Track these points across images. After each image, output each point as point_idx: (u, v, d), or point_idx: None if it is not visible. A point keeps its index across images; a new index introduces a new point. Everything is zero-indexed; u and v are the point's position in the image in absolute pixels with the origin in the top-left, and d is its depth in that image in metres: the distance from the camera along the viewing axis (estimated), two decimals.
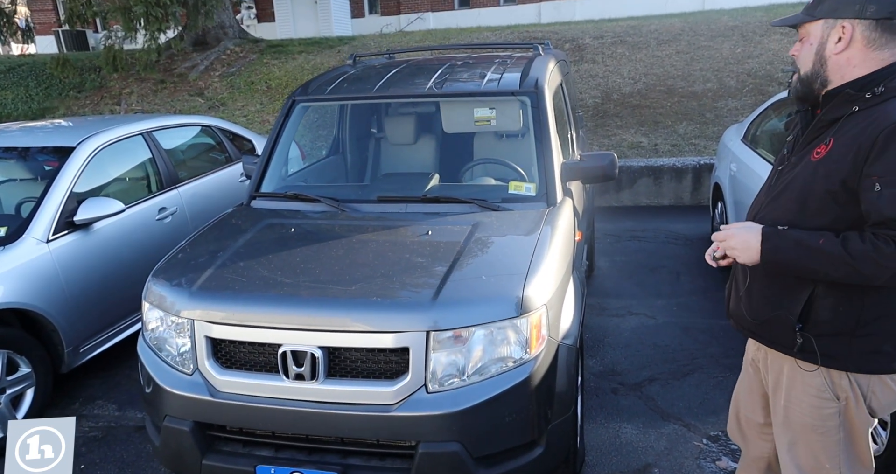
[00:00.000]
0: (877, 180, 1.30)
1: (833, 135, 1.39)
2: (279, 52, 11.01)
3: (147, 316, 2.28)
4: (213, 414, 2.07)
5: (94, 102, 10.46)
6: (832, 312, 1.43)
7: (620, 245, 5.28)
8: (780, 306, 1.50)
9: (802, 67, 1.45)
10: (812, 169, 1.41)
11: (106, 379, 3.56)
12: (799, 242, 1.37)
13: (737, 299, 1.64)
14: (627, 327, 3.80)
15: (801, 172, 1.45)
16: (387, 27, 15.86)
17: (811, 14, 1.41)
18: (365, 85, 3.16)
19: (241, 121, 8.43)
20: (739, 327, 1.68)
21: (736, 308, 1.65)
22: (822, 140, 1.43)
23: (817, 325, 1.46)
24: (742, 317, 1.62)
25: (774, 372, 1.62)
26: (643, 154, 6.79)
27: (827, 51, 1.40)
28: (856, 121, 1.37)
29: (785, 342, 1.52)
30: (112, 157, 3.82)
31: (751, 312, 1.58)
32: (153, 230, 3.82)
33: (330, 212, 2.70)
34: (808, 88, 1.45)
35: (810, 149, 1.45)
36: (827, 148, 1.39)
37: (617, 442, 2.73)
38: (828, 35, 1.40)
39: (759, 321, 1.56)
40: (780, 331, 1.51)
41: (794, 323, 1.47)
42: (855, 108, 1.37)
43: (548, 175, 2.69)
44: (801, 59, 1.46)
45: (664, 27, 9.53)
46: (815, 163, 1.41)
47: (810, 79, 1.44)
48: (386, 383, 1.95)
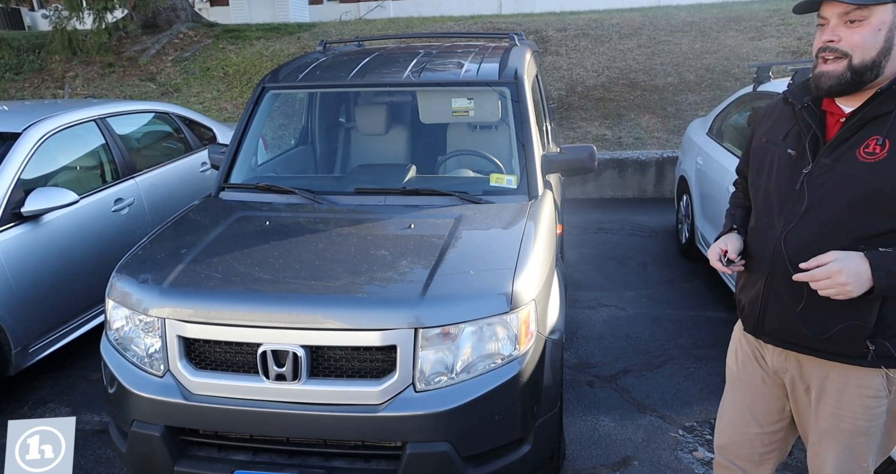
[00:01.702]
0: None
1: (887, 136, 1.30)
2: (236, 38, 10.62)
3: (111, 314, 2.14)
4: (187, 417, 1.96)
5: (33, 86, 9.86)
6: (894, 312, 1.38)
7: (588, 237, 5.32)
8: (849, 317, 1.39)
9: (860, 54, 1.29)
10: (873, 170, 1.31)
11: (58, 380, 3.36)
12: None
13: (782, 317, 1.50)
14: (599, 319, 3.82)
15: (851, 174, 1.34)
16: (346, 15, 15.52)
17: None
18: (339, 73, 3.05)
19: (197, 109, 8.10)
20: (782, 344, 1.54)
21: (782, 325, 1.51)
22: (864, 138, 1.34)
23: (885, 329, 1.39)
24: (796, 334, 1.49)
25: (817, 378, 1.51)
26: (607, 146, 6.86)
27: (895, 38, 1.29)
28: None
29: (852, 352, 1.42)
30: (63, 145, 3.59)
31: (812, 329, 1.45)
32: (109, 222, 3.61)
33: (305, 204, 2.59)
34: (858, 78, 1.31)
35: (849, 148, 1.35)
36: (884, 149, 1.30)
37: (596, 436, 2.74)
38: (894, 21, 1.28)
39: (822, 337, 1.44)
40: (849, 342, 1.41)
41: (868, 331, 1.39)
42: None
43: (529, 167, 2.66)
44: (862, 44, 1.29)
45: (625, 21, 9.64)
46: (876, 164, 1.31)
47: (867, 67, 1.30)
48: (372, 382, 1.88)
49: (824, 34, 1.34)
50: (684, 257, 4.73)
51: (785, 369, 1.59)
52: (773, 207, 1.50)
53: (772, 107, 1.63)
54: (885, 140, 1.31)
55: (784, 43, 8.18)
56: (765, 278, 1.51)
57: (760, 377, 1.67)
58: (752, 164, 1.63)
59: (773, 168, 1.52)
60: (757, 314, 1.56)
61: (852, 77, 1.32)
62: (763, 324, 1.56)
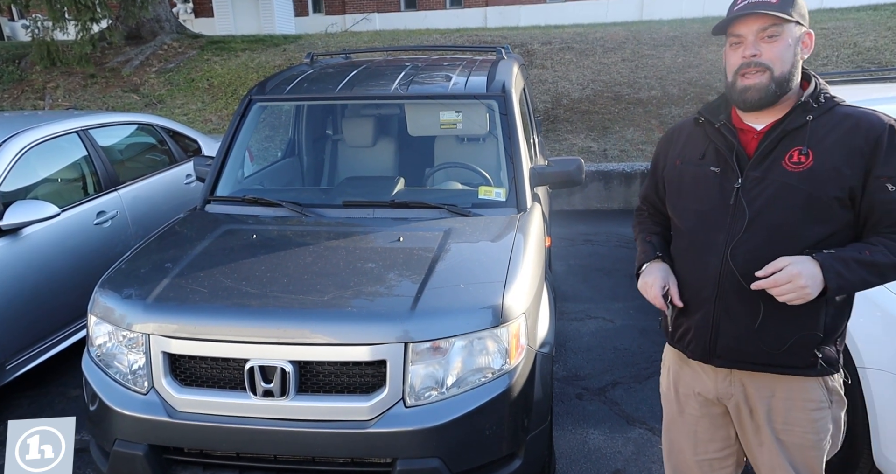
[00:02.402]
0: (887, 181, 1.33)
1: (807, 145, 1.38)
2: (221, 49, 10.58)
3: (94, 330, 2.09)
4: (171, 436, 1.91)
5: (13, 97, 9.72)
6: (832, 319, 1.44)
7: (574, 249, 5.34)
8: (803, 327, 1.43)
9: (779, 66, 1.36)
10: (801, 178, 1.37)
11: (36, 398, 3.27)
12: (853, 260, 1.33)
13: (738, 335, 1.47)
14: (587, 331, 3.82)
15: (786, 183, 1.39)
16: (332, 27, 15.57)
17: (789, 13, 1.35)
18: (327, 85, 3.05)
19: (181, 120, 8.04)
20: (737, 364, 1.51)
21: (738, 344, 1.48)
22: (786, 149, 1.40)
23: (828, 335, 1.45)
24: (753, 352, 1.47)
25: (761, 401, 1.52)
26: (593, 159, 6.92)
27: (798, 55, 1.39)
28: (822, 130, 1.38)
29: (805, 363, 1.45)
30: (44, 157, 3.53)
31: (769, 344, 1.45)
32: (91, 236, 3.55)
33: (293, 217, 2.57)
34: (782, 89, 1.38)
35: (774, 160, 1.41)
36: (808, 158, 1.37)
37: (585, 449, 2.73)
38: (799, 39, 1.39)
39: (779, 350, 1.44)
40: (802, 353, 1.44)
41: (818, 339, 1.43)
42: (809, 117, 1.39)
43: (518, 180, 2.66)
44: (779, 57, 1.36)
45: (609, 35, 9.77)
46: (804, 172, 1.37)
47: (786, 79, 1.38)
48: (361, 398, 1.86)
49: (746, 49, 1.38)
50: None
51: (730, 395, 1.57)
52: (708, 225, 1.49)
53: (677, 130, 1.64)
54: (808, 149, 1.38)
55: None
56: (713, 299, 1.48)
57: (700, 404, 1.64)
58: (669, 188, 1.62)
59: (698, 187, 1.52)
60: (707, 338, 1.51)
61: (776, 88, 1.38)
62: (715, 347, 1.51)
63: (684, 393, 1.67)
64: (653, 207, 1.76)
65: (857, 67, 7.69)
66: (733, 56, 1.41)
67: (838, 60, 8.01)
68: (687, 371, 1.65)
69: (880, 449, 2.12)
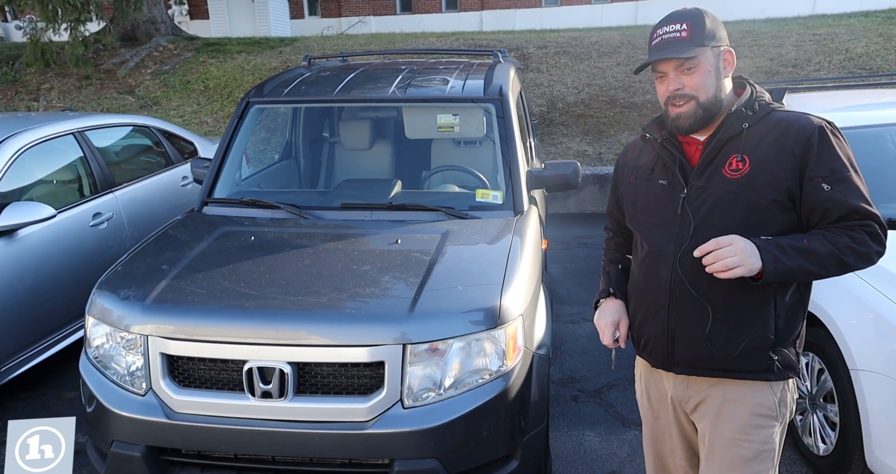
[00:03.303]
0: (821, 181, 1.37)
1: (743, 152, 1.42)
2: (216, 51, 10.58)
3: (91, 331, 2.09)
4: (169, 437, 1.92)
5: (7, 98, 9.69)
6: (785, 322, 1.46)
7: (570, 252, 5.36)
8: (753, 330, 1.44)
9: (704, 94, 1.43)
10: (741, 184, 1.41)
11: (31, 400, 3.26)
12: (791, 246, 1.35)
13: (692, 342, 1.49)
14: (583, 334, 3.84)
15: (728, 190, 1.42)
16: (327, 29, 15.59)
17: (701, 43, 1.41)
18: (324, 88, 3.06)
19: (176, 122, 8.03)
20: (694, 371, 1.52)
21: (693, 351, 1.50)
22: (725, 158, 1.44)
23: (782, 339, 1.46)
24: (704, 358, 1.49)
25: (713, 403, 1.52)
26: (588, 162, 6.95)
27: (721, 76, 1.44)
28: (756, 136, 1.43)
29: (761, 367, 1.46)
30: (39, 158, 3.52)
31: (721, 349, 1.46)
32: (87, 237, 3.54)
33: (291, 219, 2.58)
34: (709, 113, 1.45)
35: (715, 169, 1.45)
36: (745, 164, 1.42)
37: (581, 450, 2.74)
38: (718, 61, 1.44)
39: (732, 355, 1.46)
40: (756, 357, 1.45)
41: (771, 341, 1.44)
42: (745, 124, 1.44)
43: (514, 183, 2.68)
44: (702, 85, 1.43)
45: (604, 39, 9.83)
46: (742, 178, 1.41)
47: (713, 103, 1.44)
48: (360, 399, 1.86)
49: (670, 84, 1.45)
50: None
51: (687, 398, 1.58)
52: (659, 236, 1.53)
53: (630, 147, 1.71)
54: (744, 155, 1.43)
55: (757, 63, 8.40)
56: (667, 307, 1.51)
57: (667, 411, 1.66)
58: (626, 203, 1.67)
59: (649, 201, 1.57)
60: (665, 346, 1.54)
61: (703, 113, 1.44)
62: (673, 355, 1.54)
63: (657, 398, 1.69)
64: (616, 223, 1.81)
65: (849, 73, 7.77)
66: (661, 88, 1.49)
67: (830, 66, 8.08)
68: (656, 377, 1.68)
69: (872, 450, 2.14)
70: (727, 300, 1.45)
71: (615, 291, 1.70)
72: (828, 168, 1.37)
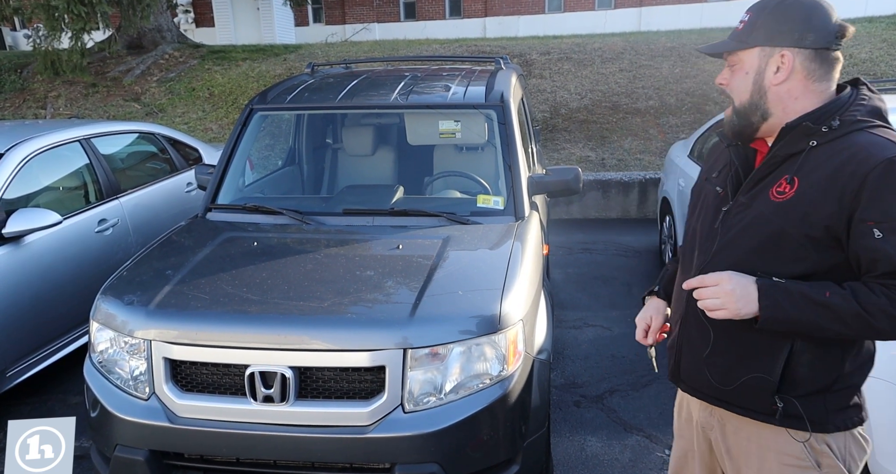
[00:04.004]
0: (875, 226, 1.16)
1: (796, 174, 1.24)
2: (221, 59, 10.66)
3: (95, 336, 2.11)
4: (172, 441, 1.93)
5: (14, 106, 9.79)
6: (810, 369, 1.27)
7: (572, 257, 5.36)
8: (754, 368, 1.30)
9: (737, 98, 1.30)
10: (778, 210, 1.25)
11: (37, 405, 3.28)
12: (804, 296, 1.19)
13: (693, 363, 1.41)
14: (585, 339, 3.84)
15: (761, 214, 1.27)
16: (332, 37, 15.68)
17: (744, 41, 1.27)
18: (327, 95, 3.09)
19: (181, 129, 8.09)
20: (696, 393, 1.45)
21: (693, 372, 1.42)
22: (778, 177, 1.28)
23: (796, 386, 1.28)
24: (703, 381, 1.39)
25: (739, 440, 1.40)
26: (591, 168, 6.96)
27: (766, 81, 1.27)
28: (820, 158, 1.23)
29: (761, 408, 1.32)
30: (46, 165, 3.56)
31: (718, 378, 1.35)
32: (92, 243, 3.57)
33: (293, 225, 2.60)
34: (746, 121, 1.30)
35: (764, 187, 1.29)
36: (792, 187, 1.24)
37: (583, 456, 2.74)
38: (766, 64, 1.26)
39: (728, 386, 1.34)
40: (755, 395, 1.31)
41: (773, 385, 1.28)
42: (813, 142, 1.24)
43: (516, 189, 2.69)
44: (735, 88, 1.30)
45: (607, 46, 9.86)
46: (782, 204, 1.25)
47: (748, 110, 1.29)
48: (361, 404, 1.88)
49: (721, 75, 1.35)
50: None
51: (711, 426, 1.47)
52: (693, 245, 1.43)
53: (715, 146, 1.57)
54: (794, 177, 1.25)
55: None
56: (681, 321, 1.44)
57: (691, 431, 1.57)
58: (689, 202, 1.57)
59: (703, 206, 1.45)
60: (674, 359, 1.48)
61: (737, 121, 1.31)
62: (678, 370, 1.47)
63: (685, 417, 1.61)
64: None
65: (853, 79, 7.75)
66: None
67: None
68: (687, 395, 1.58)
69: (875, 456, 2.14)
70: (729, 330, 1.32)
71: (659, 289, 1.62)
72: (883, 211, 1.15)
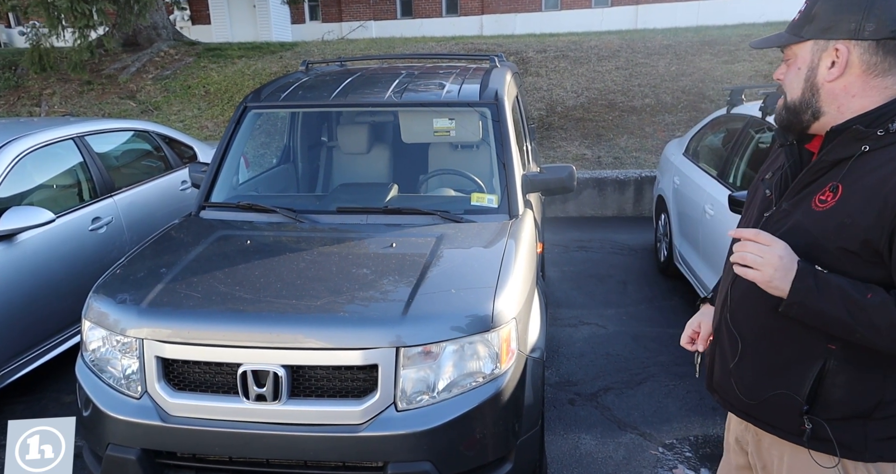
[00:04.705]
0: None
1: (841, 181, 1.14)
2: (217, 56, 10.63)
3: (87, 335, 2.11)
4: (164, 440, 1.93)
5: (9, 103, 9.75)
6: (846, 391, 1.17)
7: (568, 255, 5.37)
8: (781, 383, 1.22)
9: (789, 94, 1.22)
10: (817, 220, 1.15)
11: (30, 403, 3.27)
12: (842, 291, 1.10)
13: (724, 371, 1.34)
14: (580, 337, 3.85)
15: (800, 223, 1.18)
16: (328, 34, 15.63)
17: (798, 34, 1.19)
18: (321, 92, 3.08)
19: (177, 127, 8.07)
20: (727, 405, 1.38)
21: (723, 381, 1.35)
22: (823, 184, 1.18)
23: (828, 407, 1.18)
24: (731, 393, 1.33)
25: (772, 459, 1.33)
26: (587, 166, 6.97)
27: (819, 77, 1.17)
28: (870, 166, 1.12)
29: (788, 427, 1.24)
30: (39, 163, 3.54)
31: (744, 389, 1.29)
32: (86, 241, 3.56)
33: (287, 223, 2.59)
34: (795, 118, 1.22)
35: (808, 194, 1.20)
36: (835, 196, 1.14)
37: (577, 454, 2.74)
38: (819, 59, 1.17)
39: (754, 401, 1.27)
40: (782, 413, 1.23)
41: (800, 404, 1.20)
42: (865, 147, 1.13)
43: (510, 187, 2.69)
44: (788, 84, 1.22)
45: (603, 43, 9.86)
46: (822, 213, 1.15)
47: (799, 108, 1.21)
48: (353, 402, 1.87)
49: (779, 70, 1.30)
50: (663, 275, 4.79)
51: (746, 441, 1.41)
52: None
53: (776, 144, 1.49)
54: (839, 185, 1.15)
55: (756, 67, 8.42)
56: (717, 329, 1.38)
57: (728, 447, 1.52)
58: (745, 201, 1.48)
59: (752, 207, 1.38)
60: (709, 368, 1.42)
61: (786, 115, 1.24)
62: (712, 379, 1.41)
63: (728, 429, 1.54)
64: None
65: None
66: None
67: None
68: None
69: None
70: (760, 341, 1.25)
71: (711, 296, 1.55)
72: None
